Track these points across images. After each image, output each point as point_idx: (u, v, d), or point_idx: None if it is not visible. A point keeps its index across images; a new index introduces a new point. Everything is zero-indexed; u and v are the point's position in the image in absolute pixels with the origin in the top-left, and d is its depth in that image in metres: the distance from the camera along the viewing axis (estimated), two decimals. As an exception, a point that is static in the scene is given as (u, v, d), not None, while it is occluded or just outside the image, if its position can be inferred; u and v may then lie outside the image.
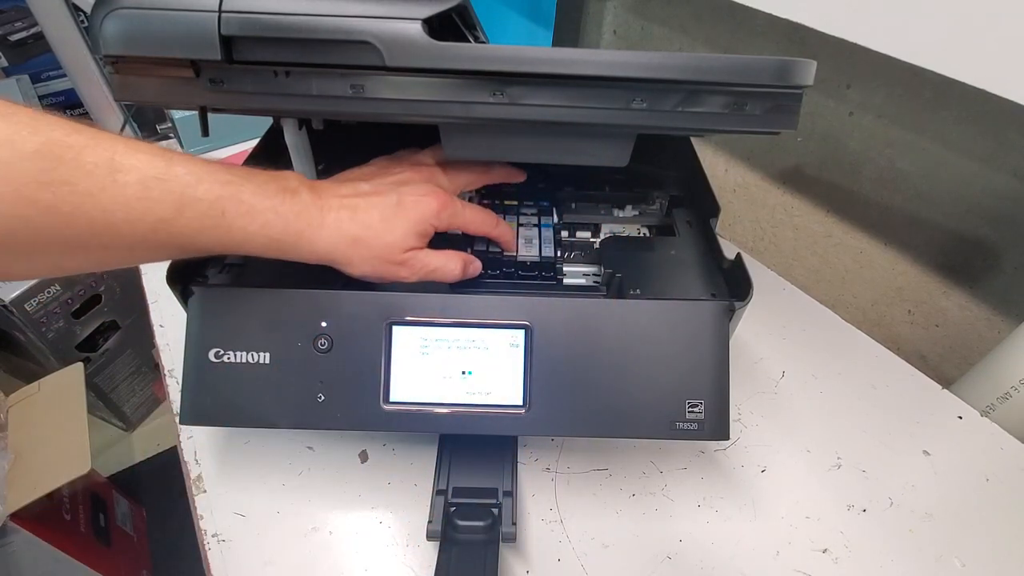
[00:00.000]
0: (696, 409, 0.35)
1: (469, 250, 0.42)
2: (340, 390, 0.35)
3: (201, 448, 0.44)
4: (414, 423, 0.35)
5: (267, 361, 0.35)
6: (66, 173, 0.25)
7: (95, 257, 0.29)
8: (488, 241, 0.43)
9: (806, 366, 0.52)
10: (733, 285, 0.38)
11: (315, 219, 0.32)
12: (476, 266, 0.38)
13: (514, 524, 0.35)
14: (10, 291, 0.96)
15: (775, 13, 0.46)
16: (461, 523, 0.35)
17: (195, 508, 0.40)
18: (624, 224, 0.47)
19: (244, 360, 0.35)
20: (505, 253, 0.43)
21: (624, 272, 0.39)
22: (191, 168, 0.29)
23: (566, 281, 0.42)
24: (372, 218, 0.33)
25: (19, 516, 0.76)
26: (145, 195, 0.27)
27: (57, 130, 0.25)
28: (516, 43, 0.30)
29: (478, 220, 0.39)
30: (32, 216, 0.25)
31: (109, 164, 0.26)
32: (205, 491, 0.41)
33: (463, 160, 0.41)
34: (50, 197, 0.25)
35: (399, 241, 0.34)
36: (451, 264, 0.36)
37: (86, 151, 0.26)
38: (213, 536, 0.39)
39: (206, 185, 0.29)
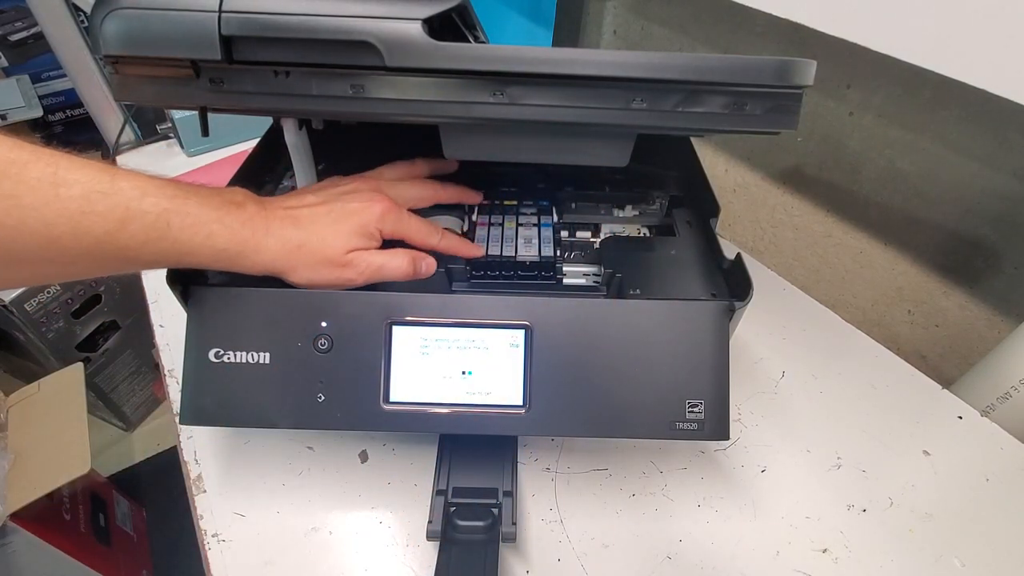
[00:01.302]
0: (696, 409, 0.35)
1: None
2: (340, 390, 0.35)
3: (201, 448, 0.44)
4: (414, 423, 0.35)
5: (267, 361, 0.35)
6: (9, 187, 0.25)
7: (40, 271, 0.29)
8: (488, 243, 0.43)
9: (806, 366, 0.52)
10: (733, 285, 0.38)
11: (260, 228, 0.32)
12: (429, 263, 0.38)
13: (514, 524, 0.35)
14: (10, 291, 0.96)
15: (775, 13, 0.46)
16: (461, 523, 0.35)
17: (195, 508, 0.40)
18: (624, 224, 0.47)
19: (244, 360, 0.35)
20: (517, 246, 0.43)
21: (624, 272, 0.39)
22: (136, 183, 0.29)
23: (566, 281, 0.42)
24: (315, 225, 0.34)
25: (19, 516, 0.76)
26: (89, 209, 0.27)
27: (2, 146, 0.25)
28: (516, 43, 0.30)
29: (422, 231, 0.38)
30: None
31: (52, 179, 0.26)
32: (205, 491, 0.41)
33: (415, 178, 0.42)
34: None
35: (342, 243, 0.34)
36: (397, 260, 0.36)
37: (29, 166, 0.26)
38: (213, 536, 0.39)
39: (152, 199, 0.29)
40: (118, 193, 0.28)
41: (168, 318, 0.54)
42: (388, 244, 0.37)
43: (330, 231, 0.34)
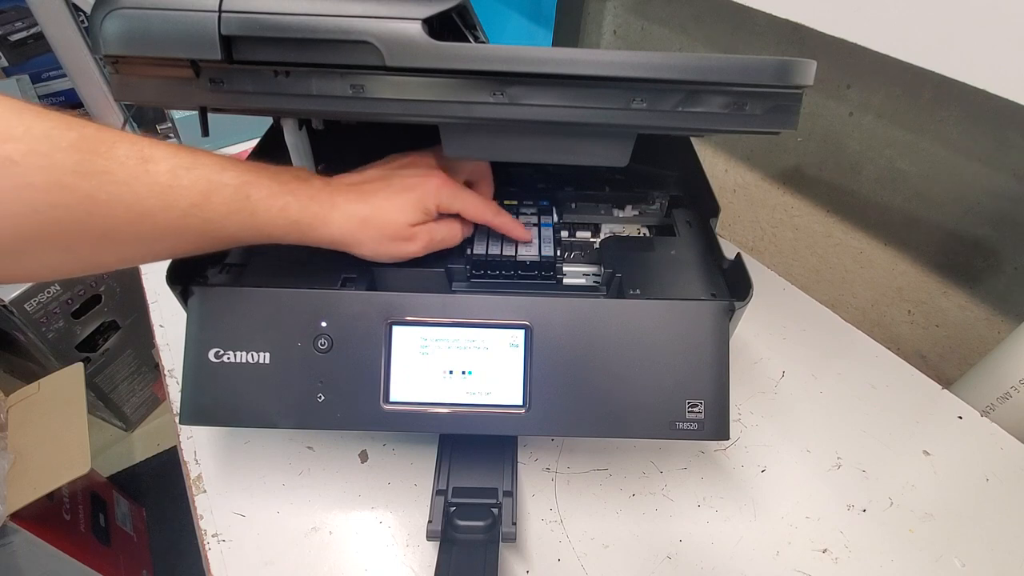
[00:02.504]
0: (696, 409, 0.35)
1: (470, 250, 0.42)
2: (340, 390, 0.35)
3: (201, 448, 0.44)
4: (414, 423, 0.35)
5: (267, 361, 0.35)
6: (102, 164, 0.26)
7: (131, 249, 0.30)
8: (488, 243, 0.43)
9: (806, 366, 0.52)
10: (733, 285, 0.38)
11: (326, 202, 0.34)
12: (468, 228, 0.41)
13: (514, 524, 0.35)
14: (10, 291, 0.96)
15: (775, 13, 0.46)
16: (461, 523, 0.35)
17: (195, 508, 0.40)
18: (624, 224, 0.47)
19: (244, 360, 0.35)
20: (517, 245, 0.43)
21: (624, 272, 0.39)
22: (214, 158, 0.31)
23: (566, 281, 0.42)
24: (378, 199, 0.35)
25: (19, 516, 0.76)
26: (176, 182, 0.28)
27: (88, 127, 0.27)
28: (516, 43, 0.30)
29: (478, 206, 0.39)
30: (72, 204, 0.26)
31: (140, 155, 0.28)
32: (205, 491, 0.41)
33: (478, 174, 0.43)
34: (88, 186, 0.26)
35: (405, 217, 0.36)
36: (453, 232, 0.39)
37: (118, 144, 0.27)
38: (213, 536, 0.39)
39: (231, 172, 0.31)
40: (201, 167, 0.30)
41: (168, 318, 0.54)
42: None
43: (391, 204, 0.35)
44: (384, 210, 0.35)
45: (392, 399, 0.35)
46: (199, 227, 0.30)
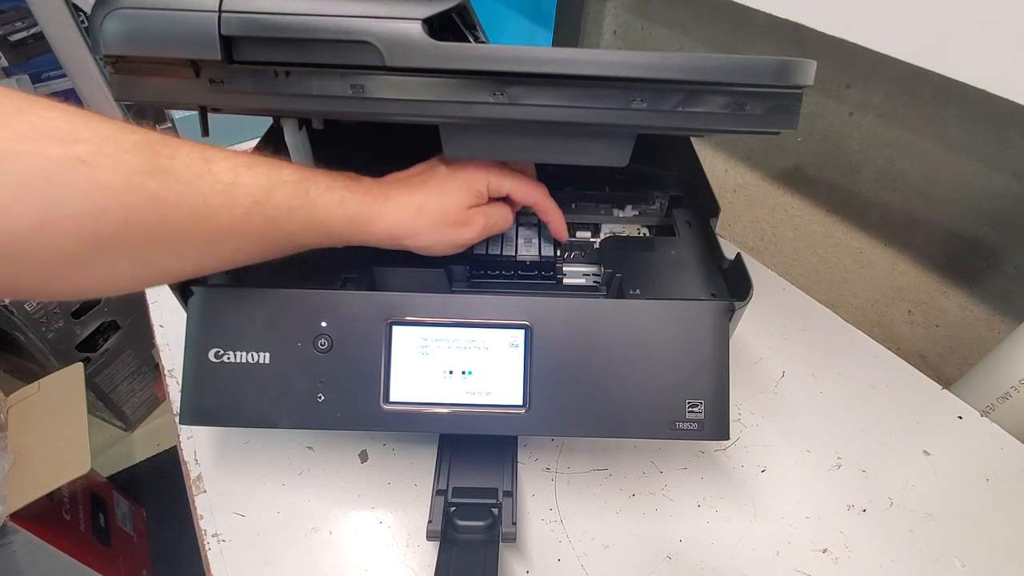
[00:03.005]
0: (696, 409, 0.35)
1: (470, 250, 0.42)
2: (340, 390, 0.35)
3: (201, 448, 0.44)
4: (414, 423, 0.35)
5: (267, 361, 0.35)
6: (166, 164, 0.27)
7: (197, 253, 0.30)
8: (488, 243, 0.43)
9: (806, 366, 0.52)
10: (733, 285, 0.38)
11: (380, 196, 0.34)
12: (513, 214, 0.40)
13: (514, 524, 0.35)
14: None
15: (775, 13, 0.46)
16: (461, 523, 0.35)
17: (195, 508, 0.40)
18: (624, 224, 0.47)
19: (244, 360, 0.35)
20: (517, 246, 0.43)
21: (624, 272, 0.39)
22: (270, 159, 0.31)
23: (566, 281, 0.42)
24: (429, 187, 0.36)
25: (19, 516, 0.76)
26: (237, 180, 0.29)
27: (150, 132, 0.27)
28: (516, 43, 0.30)
29: (528, 185, 0.39)
30: (141, 204, 0.26)
31: (202, 155, 0.28)
32: (205, 491, 0.41)
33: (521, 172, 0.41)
34: (156, 185, 0.26)
35: (459, 201, 0.36)
36: (505, 215, 0.39)
37: (180, 146, 0.28)
38: (213, 536, 0.39)
39: (288, 170, 0.31)
40: (260, 165, 0.30)
41: (168, 318, 0.54)
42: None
43: (443, 190, 0.35)
44: (438, 195, 0.35)
45: (392, 399, 0.35)
46: (262, 226, 0.30)
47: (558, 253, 0.43)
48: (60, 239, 0.24)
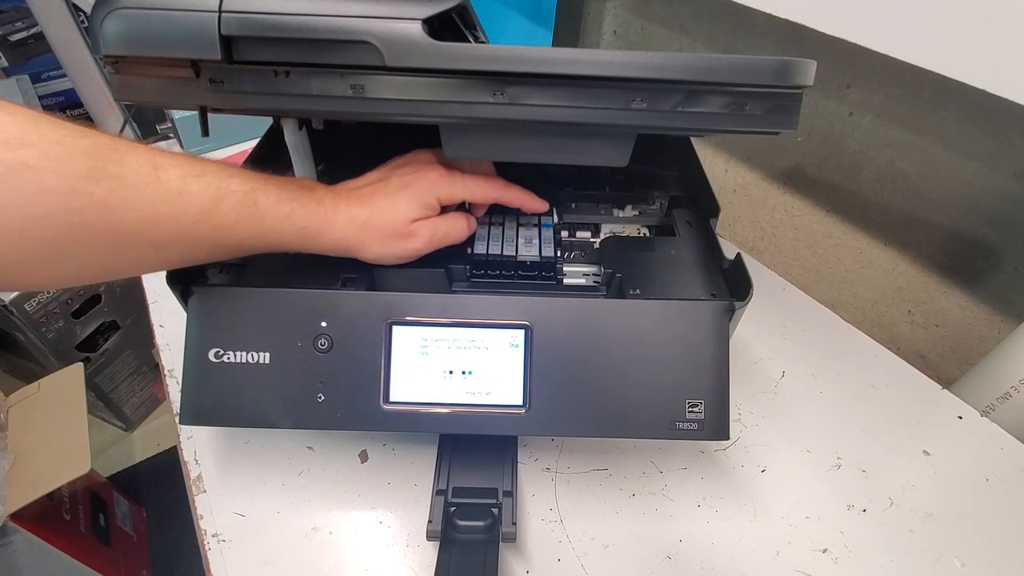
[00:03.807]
0: (696, 409, 0.35)
1: (470, 250, 0.42)
2: (340, 390, 0.35)
3: (201, 448, 0.44)
4: (414, 423, 0.35)
5: (267, 361, 0.35)
6: (114, 170, 0.27)
7: (142, 256, 0.30)
8: (488, 243, 0.43)
9: (806, 366, 0.52)
10: (733, 285, 0.38)
11: (330, 208, 0.34)
12: (474, 223, 0.41)
13: (514, 524, 0.35)
14: (10, 291, 0.96)
15: (775, 13, 0.46)
16: (461, 523, 0.35)
17: (195, 508, 0.40)
18: (624, 224, 0.47)
19: (244, 360, 0.35)
20: (518, 246, 0.43)
21: (624, 272, 0.39)
22: (222, 167, 0.31)
23: (566, 281, 0.42)
24: (376, 200, 0.36)
25: (19, 516, 0.76)
26: (186, 188, 0.29)
27: (101, 136, 0.27)
28: (516, 43, 0.30)
29: (482, 185, 0.39)
30: (85, 209, 0.26)
31: (151, 163, 0.28)
32: (205, 491, 0.41)
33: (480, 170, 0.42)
34: (101, 192, 0.26)
35: (404, 214, 0.36)
36: (458, 224, 0.38)
37: (130, 152, 0.28)
38: (213, 536, 0.39)
39: (238, 179, 0.31)
40: (210, 174, 0.30)
41: (168, 318, 0.54)
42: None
43: (389, 203, 0.36)
44: (383, 210, 0.35)
45: (392, 399, 0.35)
46: (209, 234, 0.30)
47: (558, 253, 0.43)
48: (5, 241, 0.25)
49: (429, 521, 0.35)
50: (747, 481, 0.43)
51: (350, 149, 0.44)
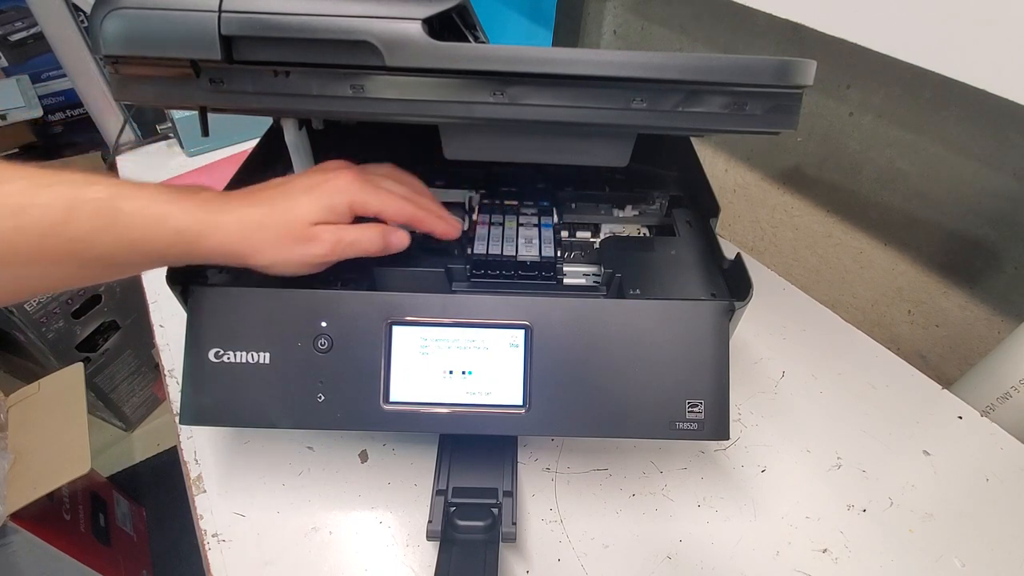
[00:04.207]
0: (696, 409, 0.35)
1: (470, 250, 0.42)
2: (340, 390, 0.35)
3: (201, 448, 0.44)
4: (414, 423, 0.35)
5: (267, 361, 0.35)
6: None
7: None
8: (488, 243, 0.43)
9: (806, 366, 0.52)
10: (733, 285, 0.38)
11: (215, 207, 0.31)
12: (401, 236, 0.36)
13: (514, 524, 0.35)
14: None
15: (775, 13, 0.46)
16: (461, 523, 0.35)
17: (195, 508, 0.40)
18: (624, 224, 0.47)
19: (244, 360, 0.35)
20: (518, 246, 0.42)
21: (624, 272, 0.39)
22: (81, 175, 0.28)
23: (566, 281, 0.42)
24: (276, 200, 0.32)
25: (19, 516, 0.76)
26: (30, 201, 0.26)
27: None
28: (516, 43, 0.30)
29: (397, 203, 0.35)
30: None
31: None
32: (205, 491, 0.41)
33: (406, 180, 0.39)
34: None
35: (303, 215, 0.32)
36: (368, 234, 0.34)
37: None
38: (213, 536, 0.39)
39: (99, 186, 0.28)
40: (61, 183, 0.27)
41: (168, 318, 0.54)
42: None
43: (289, 203, 0.32)
44: (283, 210, 0.32)
45: (392, 399, 0.35)
46: (65, 248, 0.27)
47: (558, 253, 0.43)
48: None
49: (429, 521, 0.35)
50: (747, 481, 0.43)
51: (350, 149, 0.44)
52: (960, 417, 0.48)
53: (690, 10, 0.73)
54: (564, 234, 0.46)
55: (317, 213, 0.32)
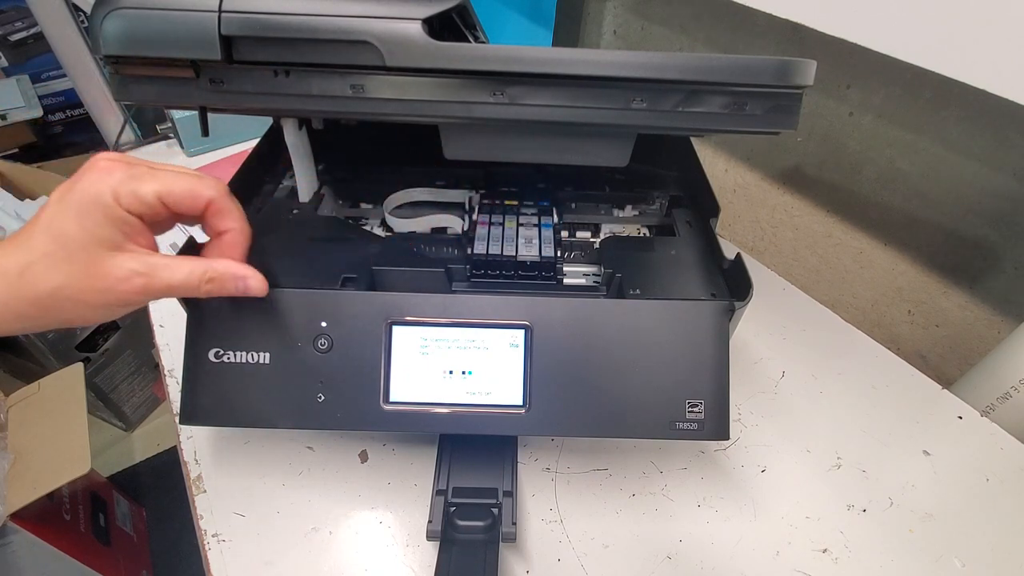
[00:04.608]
0: (696, 409, 0.35)
1: (470, 250, 0.42)
2: (340, 390, 0.35)
3: (201, 448, 0.44)
4: (414, 423, 0.35)
5: (267, 361, 0.35)
6: None
7: None
8: (488, 243, 0.43)
9: (806, 366, 0.52)
10: (733, 285, 0.38)
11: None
12: (260, 280, 0.30)
13: (514, 524, 0.35)
14: None
15: (775, 13, 0.46)
16: (461, 523, 0.35)
17: (195, 508, 0.40)
18: (624, 224, 0.47)
19: (244, 360, 0.35)
20: (518, 245, 0.41)
21: (624, 272, 0.39)
22: None
23: (566, 281, 0.42)
24: (39, 228, 0.25)
25: (19, 516, 0.76)
26: None
27: None
28: (516, 43, 0.30)
29: (181, 183, 0.28)
30: None
31: None
32: (205, 491, 0.41)
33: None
34: None
35: (84, 238, 0.25)
36: (185, 267, 0.28)
37: None
38: (213, 536, 0.39)
39: None
40: None
41: (168, 318, 0.54)
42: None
43: (62, 228, 0.24)
44: (51, 248, 0.25)
45: (392, 399, 0.35)
46: None
47: (558, 253, 0.43)
48: None
49: (429, 521, 0.35)
50: (747, 481, 0.43)
51: (350, 149, 0.44)
52: (960, 417, 0.48)
53: (690, 10, 0.73)
54: (564, 234, 0.46)
55: (101, 231, 0.26)
